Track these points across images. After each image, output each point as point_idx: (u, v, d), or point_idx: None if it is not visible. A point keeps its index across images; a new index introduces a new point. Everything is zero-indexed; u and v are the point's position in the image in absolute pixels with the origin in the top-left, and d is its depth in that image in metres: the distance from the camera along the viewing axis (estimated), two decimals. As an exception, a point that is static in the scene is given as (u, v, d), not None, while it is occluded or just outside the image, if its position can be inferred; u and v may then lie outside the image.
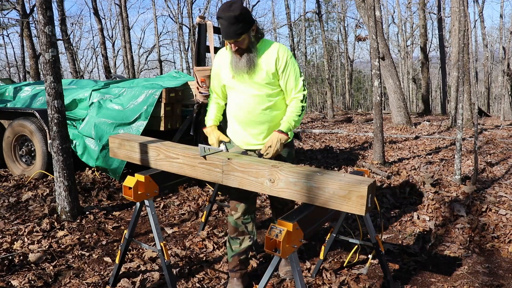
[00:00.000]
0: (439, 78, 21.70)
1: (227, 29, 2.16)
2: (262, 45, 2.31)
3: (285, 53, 2.29)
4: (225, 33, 2.18)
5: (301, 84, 2.33)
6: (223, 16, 2.14)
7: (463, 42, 4.98)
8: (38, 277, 2.64)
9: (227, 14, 2.13)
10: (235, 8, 2.14)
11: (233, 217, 2.48)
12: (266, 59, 2.28)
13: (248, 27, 2.20)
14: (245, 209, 2.45)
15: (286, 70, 2.29)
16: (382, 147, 5.67)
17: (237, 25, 2.15)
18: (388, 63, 10.28)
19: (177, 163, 2.27)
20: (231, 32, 2.16)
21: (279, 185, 1.90)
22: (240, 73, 2.29)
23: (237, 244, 2.50)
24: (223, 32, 2.19)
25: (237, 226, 2.48)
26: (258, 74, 2.29)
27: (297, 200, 1.92)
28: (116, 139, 2.60)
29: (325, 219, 2.08)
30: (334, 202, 1.76)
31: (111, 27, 33.69)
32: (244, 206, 2.45)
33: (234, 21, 2.13)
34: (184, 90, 4.81)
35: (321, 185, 1.78)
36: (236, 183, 2.06)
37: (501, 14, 23.57)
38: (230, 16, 2.12)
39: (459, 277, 2.70)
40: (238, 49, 2.25)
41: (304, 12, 24.97)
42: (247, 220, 2.48)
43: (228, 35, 2.18)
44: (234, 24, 2.14)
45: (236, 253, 2.50)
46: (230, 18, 2.13)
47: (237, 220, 2.47)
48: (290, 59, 2.30)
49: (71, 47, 16.32)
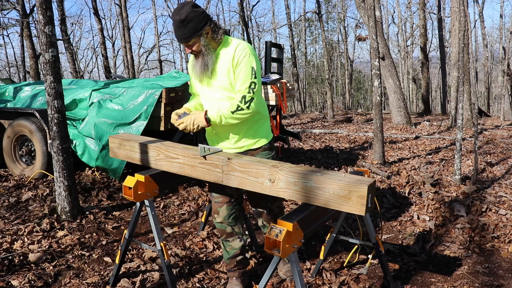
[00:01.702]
0: (439, 78, 21.69)
1: (175, 32, 2.13)
2: (224, 46, 2.21)
3: (242, 51, 2.14)
4: (176, 35, 2.15)
5: (247, 85, 2.14)
6: (173, 18, 2.12)
7: (463, 42, 4.98)
8: (38, 277, 2.64)
9: (174, 17, 2.11)
10: (184, 11, 2.08)
11: (216, 221, 2.46)
12: (224, 61, 2.18)
13: (197, 30, 2.12)
14: (227, 213, 2.41)
15: (237, 67, 2.15)
16: (382, 147, 5.67)
17: (184, 29, 2.10)
18: (388, 63, 10.28)
19: (177, 163, 2.27)
20: (178, 36, 2.14)
21: (279, 185, 1.89)
22: (199, 76, 2.25)
23: (229, 246, 2.49)
24: (175, 35, 2.16)
25: (222, 228, 2.46)
26: (218, 78, 2.21)
27: (297, 200, 1.92)
28: (116, 139, 2.60)
29: (325, 219, 2.08)
30: (334, 202, 1.76)
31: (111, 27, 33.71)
32: (225, 210, 2.41)
33: (180, 25, 2.09)
34: (184, 90, 4.81)
35: (321, 185, 1.77)
36: (236, 183, 2.06)
37: (501, 14, 23.59)
38: (176, 20, 2.10)
39: (459, 277, 2.70)
40: (192, 52, 2.21)
41: (304, 12, 24.99)
42: (231, 223, 2.44)
43: (177, 38, 2.16)
44: (180, 27, 2.10)
45: (231, 255, 2.50)
46: (176, 22, 2.10)
47: (221, 223, 2.45)
48: (244, 58, 2.13)
49: (71, 47, 16.31)
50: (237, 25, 26.53)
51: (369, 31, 5.99)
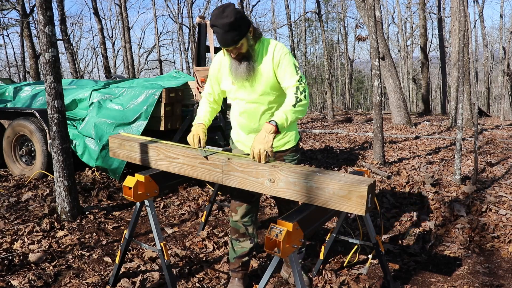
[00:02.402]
0: (439, 78, 21.69)
1: (223, 36, 2.03)
2: (261, 47, 2.20)
3: (280, 50, 2.16)
4: (222, 41, 2.06)
5: (296, 79, 2.14)
6: (217, 23, 2.02)
7: (463, 42, 4.98)
8: (38, 277, 2.64)
9: (221, 22, 2.01)
10: (228, 14, 2.01)
11: (233, 219, 2.46)
12: (264, 63, 2.19)
13: (245, 31, 2.08)
14: (245, 211, 2.43)
15: (280, 66, 2.16)
16: (382, 147, 5.67)
17: (234, 31, 2.02)
18: (388, 63, 10.28)
19: (177, 163, 2.27)
20: (228, 40, 2.04)
21: (279, 185, 1.89)
22: (240, 79, 2.20)
23: (238, 246, 2.49)
24: (220, 40, 2.06)
25: (237, 227, 2.47)
26: (258, 80, 2.20)
27: (297, 200, 1.92)
28: (116, 139, 2.60)
29: (325, 219, 2.08)
30: (334, 202, 1.76)
31: (111, 27, 33.75)
32: (244, 209, 2.41)
33: (229, 28, 2.01)
34: (184, 90, 4.81)
35: (321, 185, 1.77)
36: (236, 183, 2.06)
37: (501, 14, 23.62)
38: (224, 24, 2.00)
39: (459, 277, 2.70)
40: (238, 55, 2.14)
41: (304, 12, 24.98)
42: (247, 222, 2.45)
43: (225, 43, 2.06)
44: (229, 31, 2.02)
45: (238, 254, 2.49)
46: (225, 26, 2.00)
47: (237, 222, 2.45)
48: (284, 56, 2.16)
49: (71, 47, 16.31)
50: (237, 25, 26.49)
51: (369, 31, 5.99)
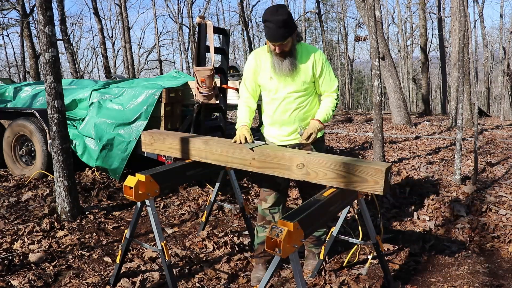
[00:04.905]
0: (439, 78, 21.69)
1: (274, 32, 2.26)
2: (300, 49, 2.45)
3: (321, 58, 2.46)
4: (273, 35, 2.28)
5: (336, 86, 2.53)
6: (271, 19, 2.25)
7: (463, 42, 4.98)
8: (38, 277, 2.64)
9: (275, 18, 2.25)
10: (283, 12, 2.26)
11: (261, 207, 2.63)
12: (304, 63, 2.43)
13: (293, 30, 2.33)
14: (275, 200, 2.60)
15: (322, 73, 2.47)
16: (382, 147, 5.67)
17: (285, 28, 2.26)
18: (388, 63, 10.27)
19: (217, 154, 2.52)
20: (278, 35, 2.27)
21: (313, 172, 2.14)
22: (282, 75, 2.41)
23: (263, 232, 2.64)
24: (270, 35, 2.29)
25: (264, 215, 2.63)
26: (298, 77, 2.43)
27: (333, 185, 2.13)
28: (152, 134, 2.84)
29: (326, 219, 2.08)
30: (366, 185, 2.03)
31: (111, 27, 33.73)
32: (273, 197, 2.59)
33: (282, 25, 2.25)
34: (184, 90, 4.81)
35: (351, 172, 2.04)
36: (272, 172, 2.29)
37: (501, 14, 23.67)
38: (278, 20, 2.24)
39: (459, 277, 2.70)
40: (283, 52, 2.35)
41: (304, 12, 24.98)
42: (274, 210, 2.62)
43: (275, 37, 2.28)
44: (281, 27, 2.25)
45: (261, 241, 2.64)
46: (279, 22, 2.24)
47: (265, 210, 2.62)
48: (325, 63, 2.47)
49: (71, 47, 16.32)
50: (237, 25, 26.59)
51: (369, 31, 5.99)
